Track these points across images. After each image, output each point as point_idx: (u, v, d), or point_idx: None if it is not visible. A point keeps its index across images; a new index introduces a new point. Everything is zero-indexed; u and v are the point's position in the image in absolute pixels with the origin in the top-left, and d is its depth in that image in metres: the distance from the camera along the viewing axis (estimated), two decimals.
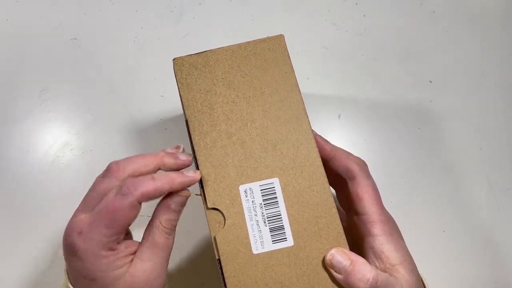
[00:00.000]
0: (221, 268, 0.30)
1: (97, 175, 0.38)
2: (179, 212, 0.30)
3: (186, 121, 0.32)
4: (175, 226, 0.30)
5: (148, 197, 0.28)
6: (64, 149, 0.48)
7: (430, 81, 0.51)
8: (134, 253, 0.29)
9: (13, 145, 0.47)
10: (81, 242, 0.27)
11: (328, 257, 0.29)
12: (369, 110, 0.50)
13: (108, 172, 0.29)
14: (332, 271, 0.29)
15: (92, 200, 0.28)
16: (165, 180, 0.28)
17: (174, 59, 0.33)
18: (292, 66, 0.33)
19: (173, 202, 0.29)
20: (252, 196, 0.30)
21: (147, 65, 0.50)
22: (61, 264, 0.44)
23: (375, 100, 0.50)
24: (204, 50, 0.33)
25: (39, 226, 0.45)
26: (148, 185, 0.27)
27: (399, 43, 0.52)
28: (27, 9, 0.52)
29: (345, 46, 0.52)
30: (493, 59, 0.52)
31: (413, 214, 0.47)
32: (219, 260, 0.30)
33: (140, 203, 0.28)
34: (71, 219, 0.29)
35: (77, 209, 0.29)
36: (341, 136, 0.49)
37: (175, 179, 0.29)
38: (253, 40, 0.33)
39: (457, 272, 0.46)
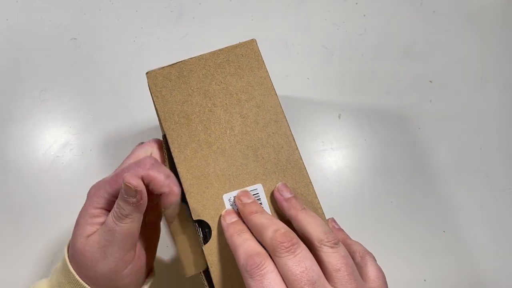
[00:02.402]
0: (208, 278, 0.29)
1: (97, 175, 0.38)
2: (130, 203, 0.29)
3: (164, 135, 0.32)
4: (125, 216, 0.29)
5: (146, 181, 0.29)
6: (64, 149, 0.48)
7: (430, 81, 0.51)
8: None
9: (13, 145, 0.47)
10: (92, 188, 0.31)
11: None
12: (369, 110, 0.50)
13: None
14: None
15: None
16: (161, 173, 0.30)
17: (147, 73, 0.32)
18: (267, 70, 0.32)
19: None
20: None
21: (147, 65, 0.50)
22: None
23: (375, 100, 0.50)
24: (176, 62, 0.32)
25: (39, 226, 0.45)
26: (143, 171, 0.29)
27: (399, 43, 0.52)
28: (27, 9, 0.52)
29: (345, 46, 0.52)
30: (493, 59, 0.52)
31: (413, 214, 0.47)
32: (205, 270, 0.30)
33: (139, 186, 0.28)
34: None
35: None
36: (341, 136, 0.49)
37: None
38: (226, 47, 0.33)
39: (457, 272, 0.46)
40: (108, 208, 0.30)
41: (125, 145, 0.48)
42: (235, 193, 0.30)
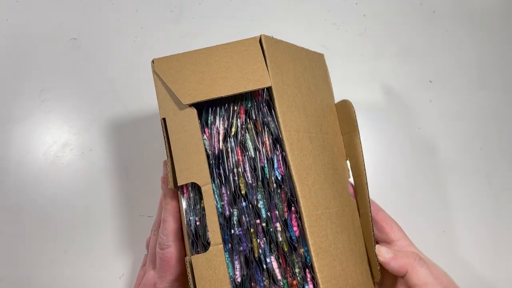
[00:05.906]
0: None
1: (97, 175, 0.39)
2: None
3: (163, 120, 0.32)
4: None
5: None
6: (64, 149, 0.48)
7: (430, 81, 0.51)
8: None
9: (13, 145, 0.47)
10: None
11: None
12: (369, 110, 0.50)
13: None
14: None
15: (151, 257, 0.36)
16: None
17: (153, 60, 0.33)
18: (266, 65, 0.33)
19: None
20: None
21: (147, 65, 0.50)
22: (60, 263, 0.44)
23: (375, 100, 0.50)
24: (181, 52, 0.33)
25: (39, 226, 0.45)
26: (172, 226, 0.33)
27: (399, 43, 0.52)
28: (27, 9, 0.52)
29: (345, 46, 0.52)
30: (493, 59, 0.52)
31: (413, 214, 0.47)
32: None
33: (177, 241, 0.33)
34: (145, 276, 0.35)
35: (147, 266, 0.36)
36: None
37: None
38: (232, 42, 0.34)
39: (457, 272, 0.46)
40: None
41: (125, 145, 0.48)
42: None
